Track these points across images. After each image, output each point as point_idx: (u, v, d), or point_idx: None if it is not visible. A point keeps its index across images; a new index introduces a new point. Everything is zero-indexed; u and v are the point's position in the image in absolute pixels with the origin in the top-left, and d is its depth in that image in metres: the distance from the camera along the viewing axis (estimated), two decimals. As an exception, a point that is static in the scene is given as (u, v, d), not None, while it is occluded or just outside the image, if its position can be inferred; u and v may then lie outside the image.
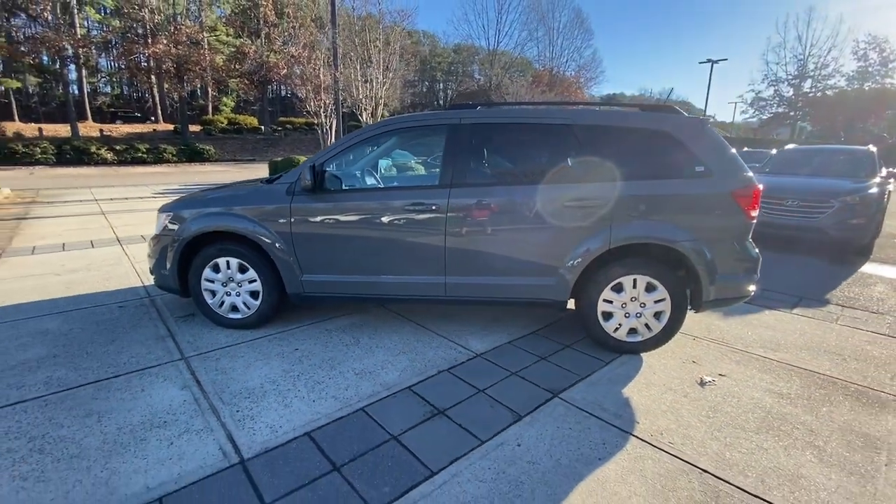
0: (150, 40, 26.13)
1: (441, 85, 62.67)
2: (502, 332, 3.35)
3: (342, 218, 3.09)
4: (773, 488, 1.84)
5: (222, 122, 34.40)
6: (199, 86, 35.60)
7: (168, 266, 3.29)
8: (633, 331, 3.02)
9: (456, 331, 3.36)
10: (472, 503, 1.73)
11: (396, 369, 2.78)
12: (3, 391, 2.43)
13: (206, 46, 29.86)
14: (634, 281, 2.93)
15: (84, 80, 33.17)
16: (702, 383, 2.68)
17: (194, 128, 32.26)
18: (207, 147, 27.09)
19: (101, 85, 43.64)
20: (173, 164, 24.78)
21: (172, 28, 26.67)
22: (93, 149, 23.25)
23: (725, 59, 32.15)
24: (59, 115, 33.28)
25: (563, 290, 3.00)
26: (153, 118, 37.12)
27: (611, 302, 2.99)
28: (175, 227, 3.25)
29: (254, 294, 3.26)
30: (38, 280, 4.40)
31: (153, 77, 30.18)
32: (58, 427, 2.14)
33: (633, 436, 2.17)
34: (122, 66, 32.80)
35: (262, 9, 30.27)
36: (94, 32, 31.25)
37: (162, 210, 3.39)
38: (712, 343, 3.26)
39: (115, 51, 33.41)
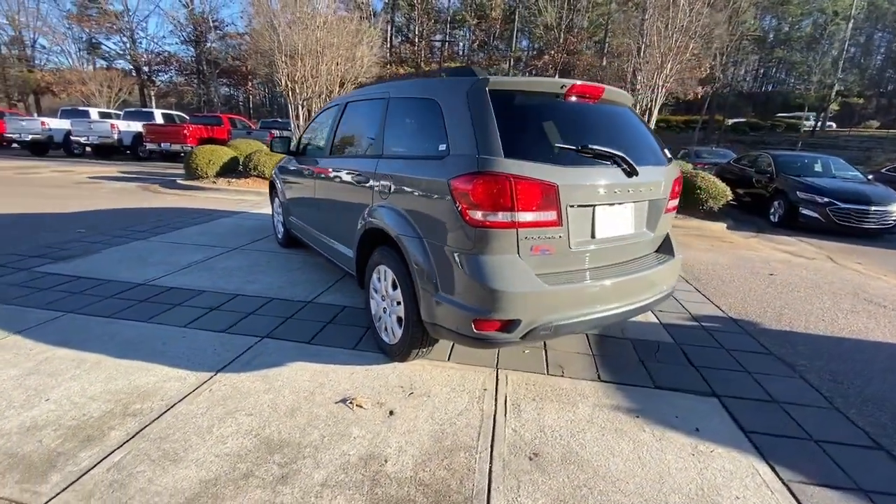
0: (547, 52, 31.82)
1: None
2: (360, 298, 3.51)
3: (292, 177, 4.17)
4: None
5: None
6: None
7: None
8: (386, 329, 2.63)
9: (340, 287, 3.78)
10: (119, 335, 2.73)
11: (260, 286, 3.70)
12: (169, 246, 5.18)
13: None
14: (385, 272, 2.55)
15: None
16: (344, 401, 2.20)
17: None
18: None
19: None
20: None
21: (559, 42, 31.15)
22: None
23: None
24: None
25: (353, 265, 2.96)
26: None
27: (377, 290, 2.71)
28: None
29: (282, 224, 4.88)
30: (263, 204, 7.69)
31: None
32: (153, 253, 4.55)
33: (191, 376, 2.36)
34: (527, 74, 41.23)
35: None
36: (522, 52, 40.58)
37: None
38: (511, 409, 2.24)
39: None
